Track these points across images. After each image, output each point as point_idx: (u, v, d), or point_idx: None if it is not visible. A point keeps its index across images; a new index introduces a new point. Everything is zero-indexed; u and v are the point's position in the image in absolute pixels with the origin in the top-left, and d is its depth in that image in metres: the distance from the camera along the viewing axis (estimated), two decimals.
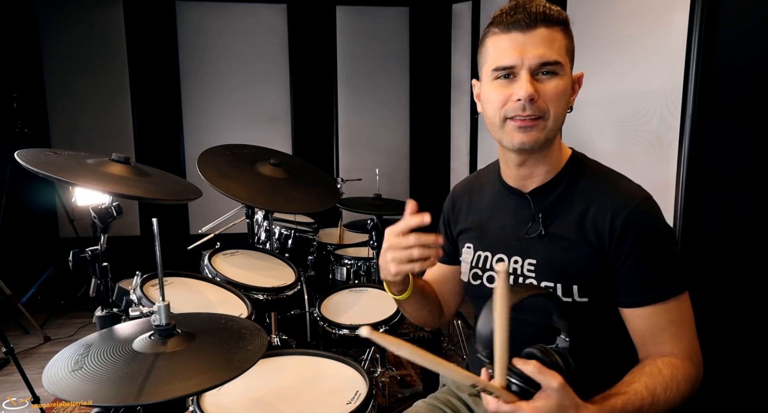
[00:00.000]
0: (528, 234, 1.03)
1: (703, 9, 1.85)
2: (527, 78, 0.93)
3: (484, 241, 1.12)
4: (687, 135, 1.94)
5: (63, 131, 3.98)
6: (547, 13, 0.93)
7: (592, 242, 0.96)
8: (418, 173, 4.52)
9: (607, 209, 0.96)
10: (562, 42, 0.95)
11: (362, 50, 4.32)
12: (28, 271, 3.67)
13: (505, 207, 1.10)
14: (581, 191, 1.01)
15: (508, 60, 0.94)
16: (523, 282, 1.03)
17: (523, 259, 1.03)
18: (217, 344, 1.02)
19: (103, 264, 1.43)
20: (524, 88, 0.92)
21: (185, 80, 4.13)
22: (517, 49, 0.93)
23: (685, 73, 1.94)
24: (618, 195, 0.97)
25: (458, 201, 1.22)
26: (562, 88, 0.95)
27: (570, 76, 0.97)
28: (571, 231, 0.98)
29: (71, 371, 0.91)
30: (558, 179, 1.03)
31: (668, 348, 0.94)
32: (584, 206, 0.98)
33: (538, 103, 0.94)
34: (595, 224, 0.96)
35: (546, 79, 0.94)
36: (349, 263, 2.53)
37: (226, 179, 1.86)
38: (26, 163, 1.24)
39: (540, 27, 0.93)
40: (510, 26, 0.94)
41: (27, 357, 2.94)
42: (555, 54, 0.93)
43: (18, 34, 3.80)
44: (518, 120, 0.95)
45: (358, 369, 1.31)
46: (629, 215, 0.94)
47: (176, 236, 3.47)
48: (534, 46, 0.93)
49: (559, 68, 0.94)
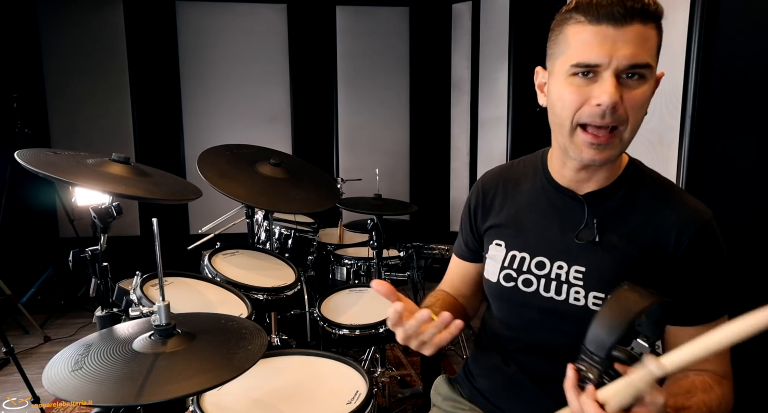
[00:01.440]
0: (579, 239, 0.95)
1: (703, 9, 1.85)
2: (612, 81, 0.81)
3: (519, 241, 1.03)
4: (687, 135, 1.94)
5: (63, 131, 3.98)
6: (645, 6, 0.80)
7: (650, 254, 0.91)
8: (418, 173, 4.52)
9: (672, 223, 0.90)
10: (655, 41, 0.83)
11: (362, 50, 4.32)
12: (28, 271, 3.67)
13: (552, 207, 1.01)
14: (642, 200, 0.94)
15: (594, 57, 0.81)
16: (568, 290, 0.95)
17: (569, 265, 0.96)
18: (217, 344, 1.02)
19: (103, 264, 1.43)
20: (608, 93, 0.81)
21: (185, 80, 4.13)
22: (606, 46, 0.80)
23: (685, 73, 1.94)
24: (685, 209, 0.92)
25: (489, 193, 1.12)
26: (648, 95, 0.84)
27: (655, 79, 0.86)
28: (627, 241, 0.92)
29: (71, 371, 0.91)
30: (617, 185, 0.96)
31: (711, 366, 0.91)
32: (646, 216, 0.93)
33: (619, 112, 0.82)
34: (656, 237, 0.91)
35: (632, 84, 0.82)
36: (349, 263, 2.53)
37: (226, 179, 1.86)
38: (26, 163, 1.24)
39: (636, 22, 0.80)
40: (601, 17, 0.80)
41: (27, 357, 2.94)
42: (647, 55, 0.81)
43: (18, 34, 3.80)
44: (591, 133, 0.85)
45: (358, 369, 1.31)
46: (697, 232, 0.89)
47: (176, 236, 3.48)
48: (626, 44, 0.80)
49: (648, 72, 0.82)
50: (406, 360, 2.67)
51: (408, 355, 2.74)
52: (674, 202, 0.93)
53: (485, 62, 4.08)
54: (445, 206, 4.55)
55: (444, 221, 4.56)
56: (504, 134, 3.96)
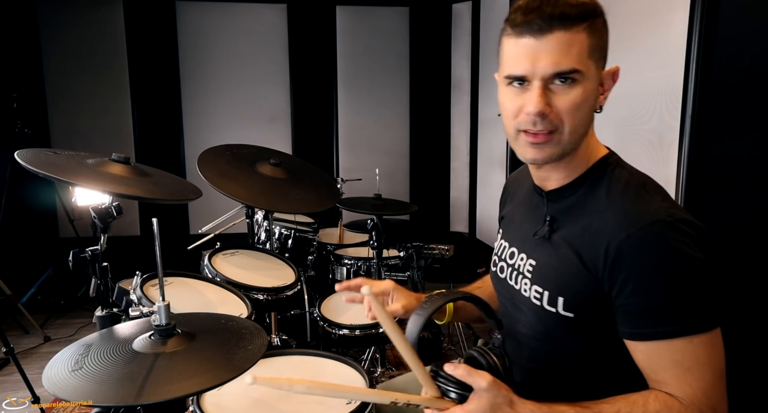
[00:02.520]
0: (535, 235, 0.98)
1: (703, 9, 1.85)
2: (538, 91, 0.83)
3: (507, 231, 1.13)
4: (687, 135, 1.94)
5: (63, 131, 3.98)
6: (566, 12, 0.81)
7: (586, 260, 0.87)
8: (418, 173, 4.52)
9: (604, 229, 0.85)
10: (585, 43, 0.83)
11: (362, 50, 4.32)
12: (28, 271, 3.67)
13: (531, 203, 1.06)
14: (594, 201, 0.91)
15: (519, 69, 0.85)
16: (521, 281, 1.00)
17: (527, 258, 1.00)
18: (217, 344, 1.02)
19: (103, 264, 1.43)
20: (533, 103, 0.84)
21: (185, 80, 4.13)
22: (529, 58, 0.83)
23: (685, 73, 1.94)
24: (624, 213, 0.85)
25: (507, 190, 1.23)
26: (581, 99, 0.84)
27: (594, 78, 0.86)
28: (570, 242, 0.91)
29: (71, 371, 0.91)
30: (577, 183, 0.94)
31: (671, 389, 0.83)
32: (589, 220, 0.89)
33: (550, 117, 0.85)
34: (592, 243, 0.87)
35: (562, 90, 0.84)
36: (349, 263, 2.53)
37: (226, 179, 1.86)
38: (26, 163, 1.24)
39: (556, 30, 0.81)
40: (522, 30, 0.83)
41: (27, 357, 2.94)
42: (572, 61, 0.82)
43: (18, 34, 3.80)
44: (530, 135, 0.87)
45: (358, 369, 1.31)
46: (627, 239, 0.82)
47: (176, 236, 3.47)
48: (547, 53, 0.82)
49: (578, 75, 0.83)
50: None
51: None
52: (617, 206, 0.87)
53: (485, 62, 4.08)
54: (445, 206, 4.55)
55: (444, 221, 4.56)
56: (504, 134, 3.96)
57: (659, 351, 0.83)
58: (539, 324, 0.96)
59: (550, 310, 0.92)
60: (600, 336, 0.90)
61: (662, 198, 0.88)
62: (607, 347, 0.90)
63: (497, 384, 0.78)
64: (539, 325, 0.96)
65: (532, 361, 1.01)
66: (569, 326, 0.91)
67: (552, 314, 0.92)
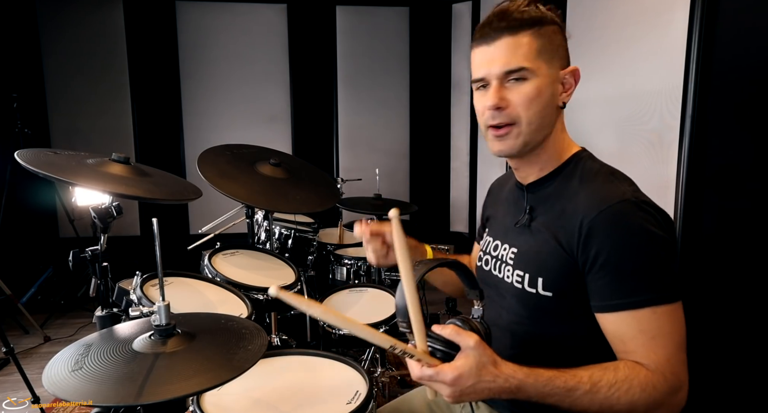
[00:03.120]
0: (516, 224, 1.08)
1: (703, 9, 1.85)
2: (494, 88, 0.97)
3: (492, 228, 1.20)
4: (687, 135, 1.94)
5: (63, 131, 3.98)
6: (511, 22, 0.95)
7: (562, 240, 0.96)
8: (418, 173, 4.52)
9: (578, 210, 0.95)
10: (531, 45, 0.96)
11: (362, 50, 4.32)
12: (28, 271, 3.67)
13: (512, 198, 1.15)
14: (569, 189, 1.01)
15: (479, 73, 1.00)
16: (504, 268, 1.08)
17: (510, 247, 1.08)
18: (217, 344, 1.02)
19: (103, 264, 1.43)
20: (489, 97, 0.98)
21: (185, 80, 4.13)
22: (485, 62, 0.98)
23: (685, 73, 1.94)
24: (593, 196, 0.95)
25: (491, 195, 1.31)
26: (533, 93, 0.96)
27: (547, 76, 0.97)
28: (548, 227, 1.00)
29: (71, 371, 0.91)
30: (553, 175, 1.05)
31: (638, 357, 0.90)
32: (564, 204, 0.99)
33: (507, 110, 0.97)
34: (566, 225, 0.96)
35: (515, 86, 0.97)
36: (349, 263, 2.53)
37: (226, 179, 1.86)
38: (26, 163, 1.24)
39: (504, 36, 0.96)
40: (479, 41, 0.99)
41: (27, 357, 2.94)
42: (519, 60, 0.95)
43: (18, 34, 3.80)
44: (494, 129, 1.00)
45: (358, 369, 1.31)
46: (596, 217, 0.91)
47: (176, 236, 3.47)
48: (498, 56, 0.96)
49: (526, 73, 0.96)
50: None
51: None
52: (589, 190, 0.97)
53: None
54: (445, 206, 4.55)
55: (444, 221, 4.56)
56: None
57: (626, 321, 0.90)
58: (521, 308, 1.04)
59: (530, 291, 1.00)
60: (575, 315, 0.98)
61: (629, 183, 0.98)
62: (582, 326, 0.98)
63: (483, 344, 0.84)
64: (521, 309, 1.04)
65: (513, 347, 1.06)
66: (548, 306, 0.99)
67: (532, 295, 1.00)
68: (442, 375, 0.81)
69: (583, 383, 0.86)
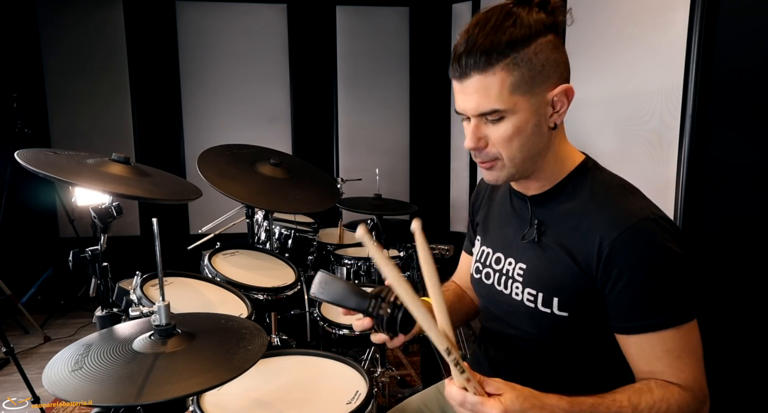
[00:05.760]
0: (524, 239, 1.02)
1: (703, 9, 1.85)
2: (472, 127, 0.92)
3: (488, 237, 1.13)
4: (687, 135, 1.94)
5: (63, 131, 3.97)
6: (477, 60, 0.85)
7: (579, 259, 0.91)
8: (418, 173, 4.52)
9: (597, 228, 0.90)
10: (504, 82, 0.86)
11: (362, 50, 4.32)
12: (28, 271, 3.67)
13: (511, 207, 1.09)
14: (580, 203, 0.95)
15: (458, 107, 0.94)
16: (512, 285, 1.02)
17: (516, 262, 1.03)
18: (217, 344, 1.02)
19: (103, 264, 1.43)
20: (466, 140, 0.93)
21: (185, 80, 4.12)
22: (459, 98, 0.92)
23: (685, 73, 1.94)
24: (613, 213, 0.90)
25: (480, 193, 1.23)
26: (511, 131, 0.89)
27: (527, 109, 0.89)
28: (561, 244, 0.95)
29: (71, 371, 0.91)
30: (558, 188, 0.99)
31: (666, 377, 0.89)
32: (578, 220, 0.94)
33: (486, 149, 0.93)
34: (584, 242, 0.91)
35: (492, 124, 0.90)
36: (349, 263, 2.52)
37: (226, 179, 1.86)
38: (26, 163, 1.24)
39: (473, 75, 0.87)
40: (452, 73, 0.91)
41: (27, 357, 2.94)
42: (491, 102, 0.87)
43: (18, 34, 3.80)
44: (479, 162, 0.96)
45: (358, 369, 1.31)
46: (619, 237, 0.87)
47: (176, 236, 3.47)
48: (469, 96, 0.89)
49: (502, 113, 0.88)
50: (406, 360, 2.67)
51: (408, 355, 2.74)
52: (605, 206, 0.91)
53: None
54: (445, 206, 4.55)
55: (444, 221, 4.56)
56: None
57: (651, 342, 0.88)
58: (532, 326, 0.99)
59: (544, 311, 0.95)
60: (591, 333, 0.95)
61: (642, 197, 0.94)
62: (597, 344, 0.96)
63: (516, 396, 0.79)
64: (532, 327, 0.99)
65: (521, 361, 1.04)
66: (563, 325, 0.95)
67: (547, 314, 0.95)
68: (488, 407, 0.77)
69: (624, 407, 0.84)
